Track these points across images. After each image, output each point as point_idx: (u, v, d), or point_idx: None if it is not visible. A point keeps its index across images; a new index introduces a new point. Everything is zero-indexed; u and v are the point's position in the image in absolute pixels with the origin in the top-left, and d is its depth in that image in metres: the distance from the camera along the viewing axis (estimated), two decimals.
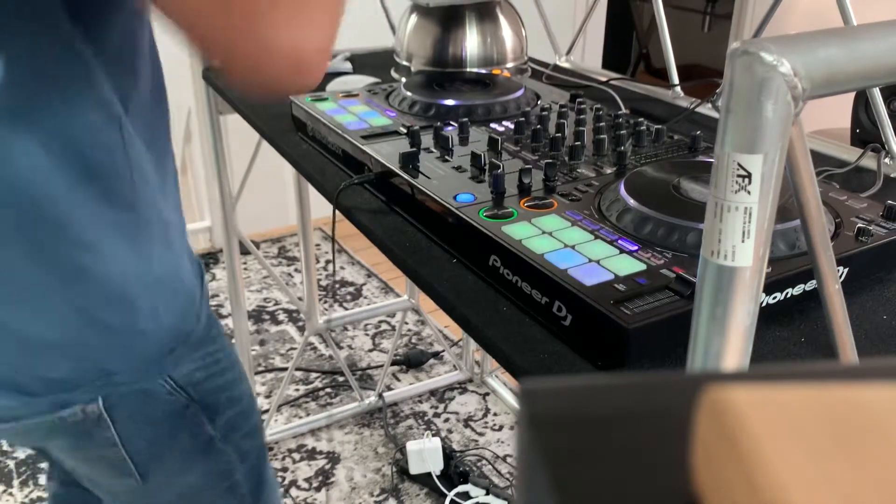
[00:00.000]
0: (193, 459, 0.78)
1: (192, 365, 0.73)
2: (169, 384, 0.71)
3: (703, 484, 0.16)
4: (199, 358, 0.74)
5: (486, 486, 1.66)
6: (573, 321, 0.58)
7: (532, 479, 0.18)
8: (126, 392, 0.68)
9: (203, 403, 0.75)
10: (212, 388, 0.76)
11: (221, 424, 0.78)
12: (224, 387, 0.78)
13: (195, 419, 0.75)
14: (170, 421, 0.73)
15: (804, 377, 0.18)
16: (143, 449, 0.73)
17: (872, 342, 0.59)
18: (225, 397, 0.78)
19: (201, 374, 0.74)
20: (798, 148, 0.38)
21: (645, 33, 4.06)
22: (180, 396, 0.72)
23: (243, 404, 0.81)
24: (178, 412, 0.73)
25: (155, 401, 0.71)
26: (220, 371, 0.77)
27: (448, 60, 1.26)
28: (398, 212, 0.82)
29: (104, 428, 0.69)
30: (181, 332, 0.71)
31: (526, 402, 0.18)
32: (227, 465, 0.81)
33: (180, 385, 0.72)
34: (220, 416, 0.77)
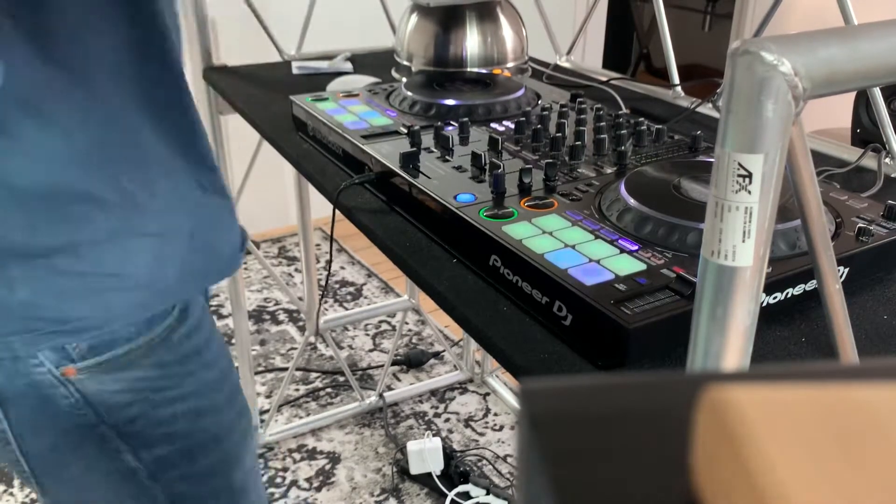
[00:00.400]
0: (107, 484, 0.68)
1: (113, 385, 0.63)
2: (74, 396, 0.62)
3: (703, 484, 0.16)
4: (128, 380, 0.64)
5: (487, 486, 1.66)
6: (573, 321, 0.58)
7: (532, 479, 0.18)
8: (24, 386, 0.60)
9: (120, 431, 0.65)
10: (139, 417, 0.65)
11: (150, 459, 0.68)
12: (165, 420, 0.67)
13: (108, 443, 0.65)
14: (75, 435, 0.64)
15: (804, 377, 0.18)
16: (42, 455, 0.65)
17: (872, 342, 0.59)
18: (161, 432, 0.67)
19: (124, 399, 0.64)
20: (799, 148, 0.38)
21: (645, 33, 4.06)
22: (87, 413, 0.63)
23: (192, 442, 0.70)
24: (86, 428, 0.64)
25: (54, 407, 0.62)
26: (163, 401, 0.67)
27: (448, 60, 1.26)
28: (398, 212, 0.82)
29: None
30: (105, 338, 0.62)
31: (526, 402, 0.18)
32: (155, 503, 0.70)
33: (88, 400, 0.63)
34: (147, 450, 0.67)
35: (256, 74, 1.40)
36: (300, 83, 1.36)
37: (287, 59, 1.54)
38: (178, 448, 0.69)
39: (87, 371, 0.62)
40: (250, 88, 1.31)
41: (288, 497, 1.69)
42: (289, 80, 1.39)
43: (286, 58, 1.54)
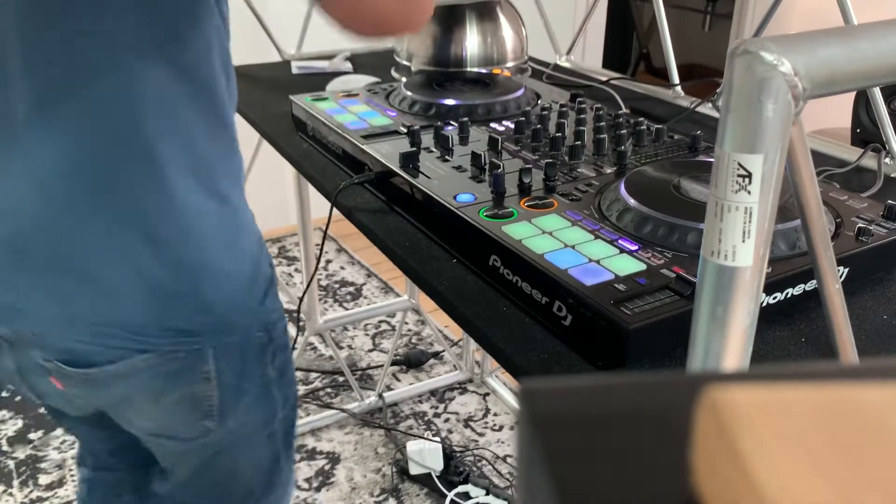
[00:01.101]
0: (258, 403, 0.81)
1: (273, 304, 0.79)
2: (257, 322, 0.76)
3: (702, 483, 0.16)
4: (272, 301, 0.79)
5: (486, 487, 1.66)
6: (573, 321, 0.58)
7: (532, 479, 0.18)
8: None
9: (275, 344, 0.80)
10: (281, 330, 0.81)
11: (276, 367, 0.82)
12: (284, 330, 0.83)
13: (267, 359, 0.79)
14: (255, 358, 0.77)
15: (804, 377, 0.18)
16: (232, 387, 0.76)
17: (872, 342, 0.59)
18: (283, 342, 0.83)
19: (276, 316, 0.79)
20: (798, 148, 0.38)
21: (645, 33, 4.06)
22: (265, 334, 0.77)
23: (289, 351, 0.86)
24: (261, 350, 0.78)
25: (248, 337, 0.75)
26: (280, 318, 0.82)
27: (448, 60, 1.26)
28: (398, 212, 0.82)
29: (204, 361, 0.72)
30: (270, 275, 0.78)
31: (526, 402, 0.18)
32: (272, 412, 0.84)
33: (265, 325, 0.77)
34: (276, 360, 0.81)
35: (256, 74, 1.40)
36: (300, 83, 1.36)
37: (287, 59, 1.54)
38: (284, 358, 0.84)
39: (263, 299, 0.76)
40: (250, 88, 1.31)
41: None
42: (289, 79, 1.39)
43: (286, 58, 1.54)
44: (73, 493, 1.65)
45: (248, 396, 0.79)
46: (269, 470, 0.89)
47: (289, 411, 0.87)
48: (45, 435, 1.80)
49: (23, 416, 1.86)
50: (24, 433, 1.81)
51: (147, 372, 0.71)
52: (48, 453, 1.75)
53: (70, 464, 1.72)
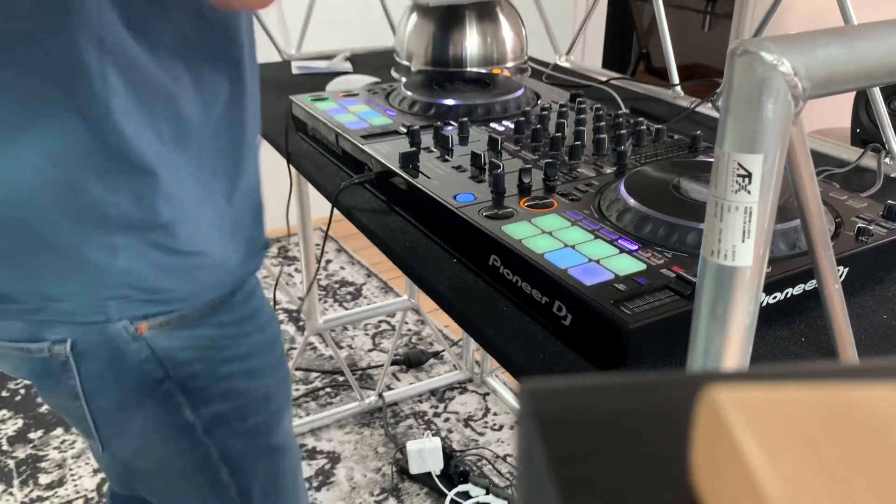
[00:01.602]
0: (164, 439, 0.72)
1: (180, 342, 0.68)
2: (144, 349, 0.67)
3: (702, 483, 0.16)
4: (194, 338, 0.69)
5: (486, 486, 1.66)
6: (573, 321, 0.58)
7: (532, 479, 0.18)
8: (98, 342, 0.65)
9: (183, 386, 0.70)
10: (201, 373, 0.70)
11: (207, 415, 0.72)
12: (224, 377, 0.72)
13: (170, 399, 0.70)
14: (140, 389, 0.68)
15: (804, 377, 0.18)
16: (106, 410, 0.69)
17: (872, 342, 0.59)
18: (221, 388, 0.72)
19: (189, 355, 0.69)
20: (798, 148, 0.38)
21: (645, 33, 4.06)
22: (156, 368, 0.68)
23: (246, 400, 0.75)
24: (151, 383, 0.68)
25: (124, 362, 0.67)
26: (222, 360, 0.72)
27: (448, 60, 1.26)
28: (398, 212, 0.82)
29: (68, 375, 0.66)
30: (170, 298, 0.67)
31: (526, 402, 0.18)
32: (206, 461, 0.75)
33: (158, 356, 0.67)
34: (206, 406, 0.72)
35: None
36: (300, 83, 1.36)
37: (287, 59, 1.54)
38: (232, 405, 0.74)
39: (157, 328, 0.67)
40: None
41: None
42: (289, 79, 1.39)
43: (286, 58, 1.54)
44: (73, 492, 1.65)
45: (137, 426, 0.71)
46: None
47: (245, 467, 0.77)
48: (45, 435, 1.80)
49: (23, 416, 1.86)
50: (24, 433, 1.81)
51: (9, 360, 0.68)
52: (48, 453, 1.75)
53: (70, 463, 1.72)
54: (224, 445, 0.75)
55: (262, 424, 0.78)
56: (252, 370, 0.75)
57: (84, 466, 1.71)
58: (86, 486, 1.66)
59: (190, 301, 0.68)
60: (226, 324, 0.72)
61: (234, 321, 0.72)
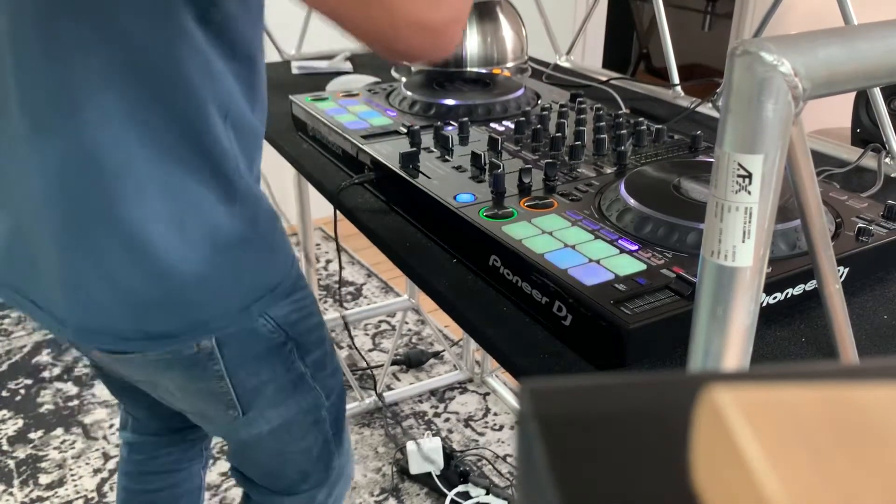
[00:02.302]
0: (287, 394, 0.86)
1: (287, 308, 0.81)
2: (270, 323, 0.79)
3: (703, 483, 0.16)
4: (292, 302, 0.82)
5: (487, 486, 1.66)
6: (573, 321, 0.58)
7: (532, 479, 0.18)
8: (235, 330, 0.77)
9: (297, 342, 0.84)
10: (303, 329, 0.85)
11: (311, 362, 0.87)
12: (312, 329, 0.87)
13: (290, 356, 0.84)
14: (270, 356, 0.82)
15: (804, 377, 0.18)
16: (246, 382, 0.81)
17: (872, 342, 0.59)
18: (314, 338, 0.87)
19: (295, 316, 0.83)
20: (798, 148, 0.38)
21: (645, 33, 4.06)
22: (280, 334, 0.81)
23: (326, 346, 0.90)
24: (278, 348, 0.82)
25: (259, 338, 0.79)
26: (308, 315, 0.85)
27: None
28: (398, 212, 0.82)
29: (214, 361, 0.77)
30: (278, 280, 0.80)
31: (526, 402, 0.18)
32: (315, 401, 0.90)
33: (279, 324, 0.80)
34: (309, 355, 0.86)
35: None
36: (300, 83, 1.36)
37: (287, 59, 1.54)
38: (322, 351, 0.89)
39: (274, 301, 0.79)
40: None
41: None
42: (289, 79, 1.39)
43: (286, 57, 1.54)
44: (73, 492, 1.65)
45: (271, 390, 0.84)
46: (320, 456, 0.96)
47: (335, 400, 0.94)
48: (45, 435, 1.80)
49: (23, 416, 1.86)
50: (24, 433, 1.81)
51: (157, 365, 0.77)
52: (48, 453, 1.75)
53: (70, 463, 1.72)
54: (324, 385, 0.90)
55: (336, 367, 0.94)
56: (319, 322, 0.89)
57: (84, 466, 1.71)
58: (86, 486, 1.66)
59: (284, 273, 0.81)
60: (301, 287, 0.85)
61: (301, 287, 0.85)
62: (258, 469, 0.98)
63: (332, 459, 0.98)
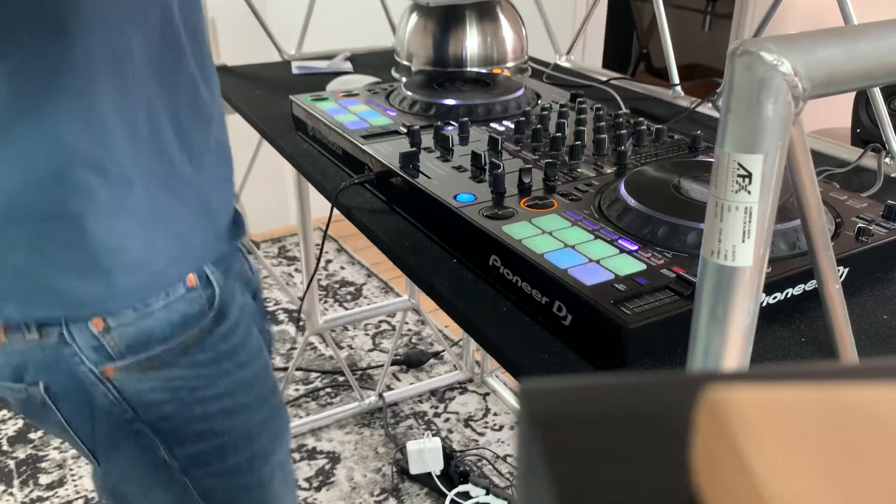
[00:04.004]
0: (145, 473, 0.71)
1: (149, 383, 0.65)
2: (111, 394, 0.65)
3: (702, 484, 0.16)
4: (164, 379, 0.66)
5: (487, 486, 1.66)
6: (573, 321, 0.58)
7: (532, 479, 0.18)
8: (66, 384, 0.64)
9: (155, 427, 0.68)
10: (173, 414, 0.67)
11: (183, 455, 0.70)
12: (198, 418, 0.69)
13: (144, 438, 0.68)
14: (114, 428, 0.67)
15: (804, 377, 0.18)
16: (94, 438, 0.68)
17: (872, 342, 0.59)
18: (195, 429, 0.69)
19: (159, 396, 0.66)
20: (798, 148, 0.38)
21: (645, 33, 4.06)
22: (125, 410, 0.66)
23: (224, 440, 0.71)
24: (124, 423, 0.67)
25: (96, 403, 0.65)
26: (195, 401, 0.68)
27: (448, 60, 1.26)
28: (398, 212, 0.82)
29: (51, 413, 0.66)
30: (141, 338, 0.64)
31: (526, 402, 0.18)
32: (186, 495, 0.72)
33: (126, 399, 0.65)
34: (180, 447, 0.69)
35: (256, 74, 1.40)
36: (300, 83, 1.36)
37: (287, 59, 1.54)
38: (210, 446, 0.71)
39: (125, 370, 0.64)
40: (250, 88, 1.31)
41: None
42: (289, 79, 1.39)
43: (286, 57, 1.54)
44: (73, 492, 1.65)
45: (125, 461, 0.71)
46: None
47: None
48: (45, 435, 1.80)
49: (23, 416, 1.86)
50: (24, 433, 1.81)
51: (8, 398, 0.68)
52: (48, 453, 1.75)
53: (70, 463, 1.72)
54: (203, 485, 0.72)
55: (243, 462, 0.74)
56: (230, 409, 0.71)
57: (84, 467, 1.71)
58: (86, 487, 1.66)
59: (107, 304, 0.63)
60: (201, 363, 0.68)
61: (210, 360, 0.69)
62: None
63: None
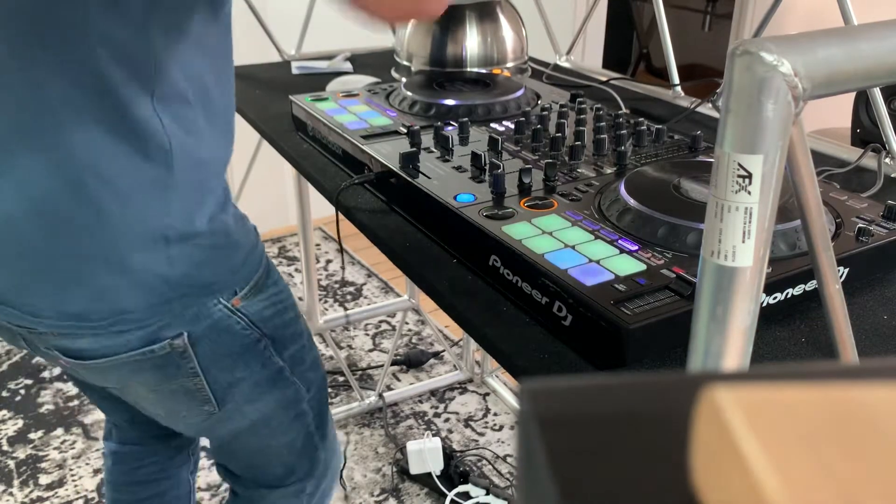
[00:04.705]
0: (265, 389, 0.86)
1: (260, 304, 0.81)
2: (244, 320, 0.79)
3: (702, 483, 0.16)
4: (266, 298, 0.82)
5: (487, 486, 1.66)
6: (573, 321, 0.58)
7: (532, 479, 0.18)
8: (207, 327, 0.76)
9: (272, 337, 0.84)
10: (279, 324, 0.85)
11: (288, 357, 0.87)
12: (288, 323, 0.86)
13: (266, 351, 0.84)
14: (245, 353, 0.81)
15: (804, 377, 0.18)
16: (221, 378, 0.81)
17: (872, 342, 0.59)
18: (290, 332, 0.87)
19: (269, 312, 0.83)
20: (798, 148, 0.38)
21: (645, 33, 4.06)
22: (254, 331, 0.81)
23: (304, 340, 0.90)
24: (252, 345, 0.82)
25: (232, 335, 0.79)
26: (283, 310, 0.85)
27: (448, 60, 1.26)
28: (398, 212, 0.82)
29: (188, 359, 0.77)
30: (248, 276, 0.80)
31: (526, 402, 0.18)
32: (296, 395, 0.90)
33: (252, 321, 0.80)
34: (286, 350, 0.86)
35: (256, 74, 1.40)
36: (300, 83, 1.36)
37: (287, 59, 1.54)
38: (299, 345, 0.89)
39: (245, 298, 0.80)
40: (250, 88, 1.31)
41: None
42: (289, 80, 1.39)
43: (286, 58, 1.54)
44: (73, 492, 1.65)
45: (247, 385, 0.84)
46: (304, 449, 0.95)
47: (316, 393, 0.93)
48: (45, 435, 1.80)
49: (23, 416, 1.86)
50: (24, 433, 1.81)
51: (130, 366, 0.76)
52: (48, 453, 1.75)
53: (70, 464, 1.72)
54: (303, 377, 0.90)
55: (314, 359, 0.94)
56: (297, 314, 0.90)
57: (84, 467, 1.71)
58: (86, 487, 1.66)
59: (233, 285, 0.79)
60: (275, 281, 0.85)
61: (275, 281, 0.85)
62: (241, 464, 0.98)
63: (317, 452, 0.97)
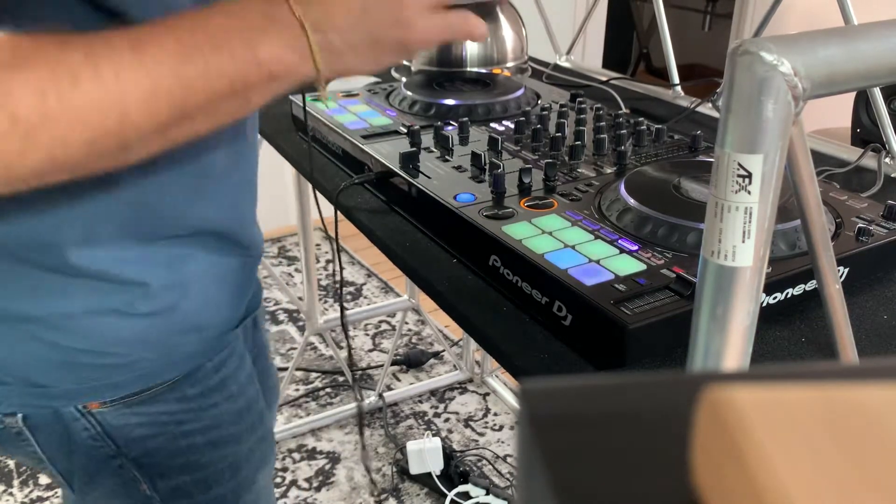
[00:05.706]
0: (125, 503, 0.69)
1: (134, 419, 0.63)
2: (93, 428, 0.63)
3: (703, 484, 0.16)
4: (149, 414, 0.64)
5: (487, 486, 1.66)
6: (573, 321, 0.58)
7: (532, 479, 0.18)
8: (49, 416, 0.62)
9: (138, 462, 0.65)
10: (158, 449, 0.65)
11: (165, 489, 0.67)
12: (184, 450, 0.67)
13: (125, 473, 0.66)
14: (95, 463, 0.65)
15: (804, 377, 0.18)
16: (72, 472, 0.66)
17: (872, 342, 0.59)
18: (180, 462, 0.67)
19: (144, 432, 0.64)
20: (798, 148, 0.38)
21: (645, 33, 4.06)
22: (106, 445, 0.64)
23: (209, 472, 0.69)
24: (104, 459, 0.64)
25: (75, 439, 0.63)
26: (182, 434, 0.66)
27: (448, 60, 1.26)
28: (398, 212, 0.82)
29: (27, 443, 0.63)
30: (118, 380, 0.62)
31: (526, 402, 0.18)
32: None
33: (108, 434, 0.63)
34: (163, 480, 0.67)
35: None
36: None
37: None
38: (194, 478, 0.69)
39: (110, 405, 0.62)
40: None
41: (288, 497, 1.69)
42: None
43: None
44: None
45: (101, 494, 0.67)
46: None
47: None
48: None
49: None
50: None
51: None
52: None
53: None
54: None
55: (228, 493, 0.72)
56: (217, 441, 0.69)
57: None
58: None
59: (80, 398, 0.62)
60: (189, 397, 0.65)
61: (199, 394, 0.66)
62: None
63: None
